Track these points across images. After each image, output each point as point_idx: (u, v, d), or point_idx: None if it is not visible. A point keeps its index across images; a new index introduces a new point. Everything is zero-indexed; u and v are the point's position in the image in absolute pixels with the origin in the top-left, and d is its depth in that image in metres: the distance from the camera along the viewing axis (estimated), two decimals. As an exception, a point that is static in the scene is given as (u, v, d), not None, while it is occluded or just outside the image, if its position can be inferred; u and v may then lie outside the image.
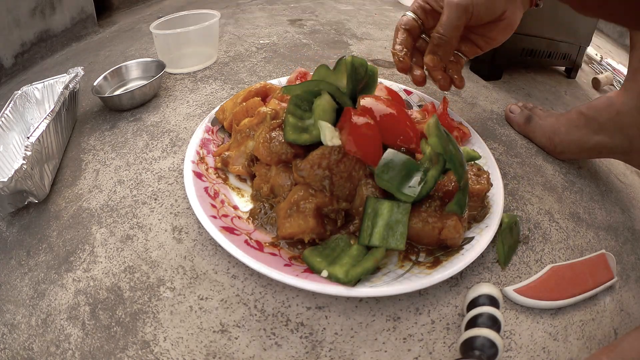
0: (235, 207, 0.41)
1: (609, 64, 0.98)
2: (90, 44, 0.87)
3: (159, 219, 0.42)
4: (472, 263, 0.36)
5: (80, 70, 0.56)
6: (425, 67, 0.50)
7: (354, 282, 0.33)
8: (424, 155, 0.38)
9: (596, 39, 1.19)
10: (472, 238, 0.38)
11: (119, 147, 0.52)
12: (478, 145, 0.50)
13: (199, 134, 0.47)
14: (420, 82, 0.50)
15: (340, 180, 0.36)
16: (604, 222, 0.48)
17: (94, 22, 0.93)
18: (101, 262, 0.38)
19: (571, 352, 0.34)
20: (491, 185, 0.42)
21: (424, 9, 0.49)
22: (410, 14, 0.50)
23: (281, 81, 0.58)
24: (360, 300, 0.35)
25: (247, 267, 0.37)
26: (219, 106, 0.51)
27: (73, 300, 0.35)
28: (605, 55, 1.04)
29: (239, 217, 0.40)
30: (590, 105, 0.52)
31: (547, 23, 0.73)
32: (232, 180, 0.45)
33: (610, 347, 0.33)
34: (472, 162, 0.44)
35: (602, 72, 0.95)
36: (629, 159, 0.50)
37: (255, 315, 0.34)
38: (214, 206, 0.39)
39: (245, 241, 0.36)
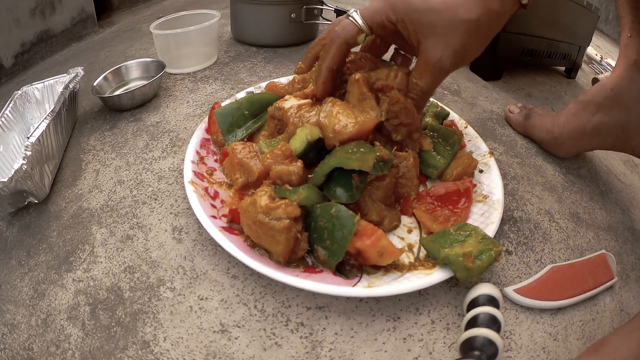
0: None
1: (609, 64, 0.98)
2: (90, 44, 0.87)
3: (159, 219, 0.42)
4: (472, 263, 0.36)
5: (80, 71, 0.56)
6: None
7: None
8: None
9: (596, 39, 1.19)
10: (472, 238, 0.38)
11: (119, 147, 0.52)
12: (478, 145, 0.50)
13: (198, 134, 0.47)
14: None
15: None
16: (604, 222, 0.48)
17: (94, 22, 0.93)
18: (101, 262, 0.38)
19: (571, 352, 0.34)
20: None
21: (384, 27, 0.38)
22: (359, 21, 0.38)
23: (281, 81, 0.58)
24: (360, 300, 0.35)
25: (247, 267, 0.37)
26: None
27: (73, 300, 0.35)
28: (605, 55, 1.05)
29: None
30: (586, 92, 0.54)
31: (547, 23, 0.73)
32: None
33: (592, 349, 0.33)
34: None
35: (602, 72, 0.95)
36: (627, 137, 0.50)
37: (255, 315, 0.34)
38: (214, 206, 0.39)
39: (245, 241, 0.36)
